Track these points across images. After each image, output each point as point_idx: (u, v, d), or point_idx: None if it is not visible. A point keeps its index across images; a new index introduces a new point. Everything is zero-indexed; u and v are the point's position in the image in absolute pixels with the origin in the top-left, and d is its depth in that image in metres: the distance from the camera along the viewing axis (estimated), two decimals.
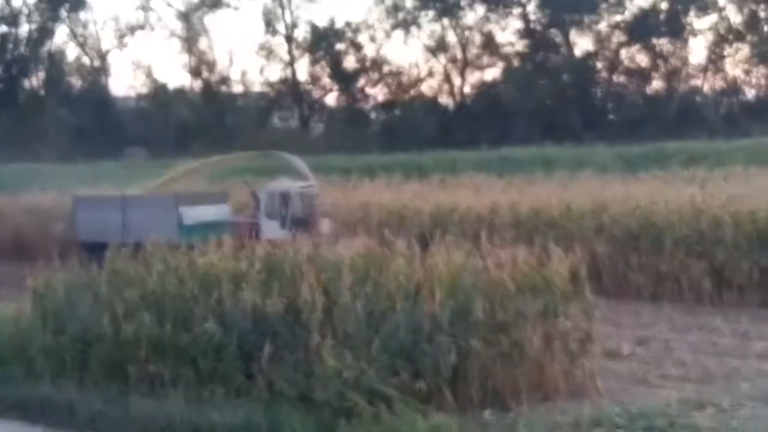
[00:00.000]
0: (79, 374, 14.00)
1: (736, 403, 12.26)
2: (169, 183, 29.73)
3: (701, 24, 72.85)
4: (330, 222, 23.75)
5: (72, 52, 79.58)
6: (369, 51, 76.94)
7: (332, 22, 76.46)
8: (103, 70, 79.04)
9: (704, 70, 74.50)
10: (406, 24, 76.06)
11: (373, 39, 76.83)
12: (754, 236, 20.91)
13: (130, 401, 12.92)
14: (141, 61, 79.28)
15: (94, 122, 63.06)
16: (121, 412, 12.75)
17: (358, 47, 76.99)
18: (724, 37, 73.25)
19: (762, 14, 71.86)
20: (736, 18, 73.33)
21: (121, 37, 78.32)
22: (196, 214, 24.11)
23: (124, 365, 13.62)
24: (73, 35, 78.95)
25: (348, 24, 76.51)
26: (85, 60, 79.53)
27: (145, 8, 78.19)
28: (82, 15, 78.57)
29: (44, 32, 76.94)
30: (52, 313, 15.01)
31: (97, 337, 14.03)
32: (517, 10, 75.06)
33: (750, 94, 74.58)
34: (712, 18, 72.93)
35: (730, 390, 13.26)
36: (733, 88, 74.42)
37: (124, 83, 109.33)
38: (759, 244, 20.77)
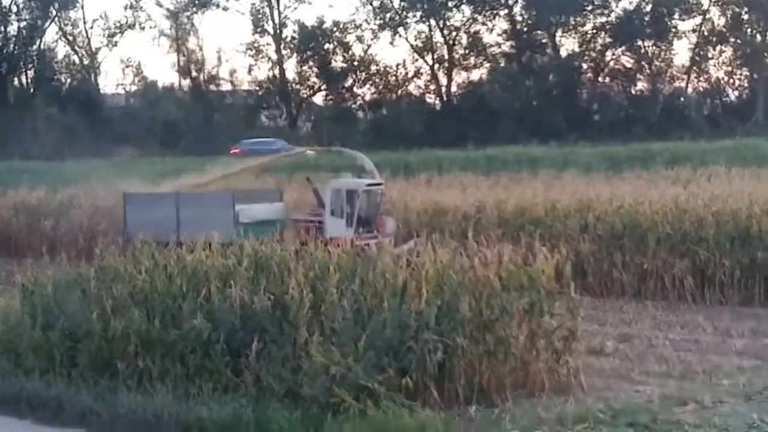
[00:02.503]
0: (68, 370, 13.98)
1: (717, 399, 12.31)
2: (218, 180, 29.25)
3: (685, 26, 73.15)
4: (393, 221, 23.28)
5: (61, 50, 79.25)
6: (357, 51, 77.17)
7: (320, 21, 76.58)
8: (92, 68, 78.72)
9: (688, 71, 74.74)
10: (394, 24, 76.16)
11: (360, 39, 77.06)
12: (735, 235, 20.96)
13: (118, 396, 12.91)
14: (130, 59, 78.80)
15: (83, 120, 62.72)
16: (109, 408, 12.74)
17: (345, 47, 77.09)
18: (707, 39, 73.52)
19: (745, 16, 72.13)
20: (719, 20, 73.64)
21: (111, 35, 78.17)
22: (252, 211, 23.64)
23: (113, 361, 13.61)
24: (63, 33, 78.72)
25: (336, 24, 76.66)
26: (75, 58, 79.29)
27: (135, 7, 77.85)
28: (72, 13, 78.33)
29: (34, 30, 76.44)
30: (40, 309, 14.95)
31: (85, 333, 14.01)
32: (503, 11, 75.24)
33: (733, 95, 74.97)
34: (696, 20, 73.17)
35: (712, 387, 13.31)
36: (717, 90, 74.77)
37: (113, 81, 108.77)
38: (740, 243, 20.83)
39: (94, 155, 49.06)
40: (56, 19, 77.48)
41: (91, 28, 78.11)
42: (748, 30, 72.34)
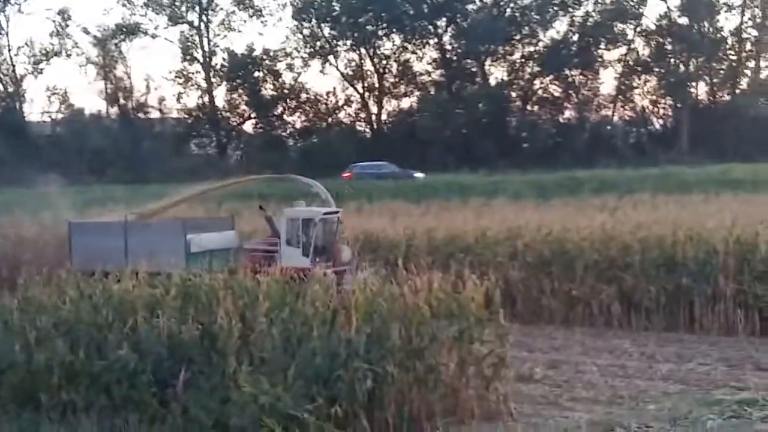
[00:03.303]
0: None
1: (643, 424, 12.48)
2: (163, 209, 28.19)
3: (611, 56, 74.89)
4: (349, 250, 22.68)
5: None
6: (287, 79, 77.38)
7: (250, 49, 76.70)
8: (17, 95, 77.48)
9: (614, 100, 76.29)
10: (324, 53, 76.46)
11: (290, 67, 77.31)
12: (660, 262, 21.19)
13: (41, 430, 12.62)
14: (56, 86, 77.87)
15: (8, 148, 61.65)
16: None
17: (276, 75, 77.17)
18: (632, 69, 75.04)
19: (668, 47, 73.75)
20: (644, 50, 75.41)
21: (36, 63, 77.33)
22: (203, 240, 23.02)
23: (36, 393, 13.30)
24: None
25: (266, 52, 76.80)
26: None
27: (61, 34, 77.01)
28: None
29: None
30: None
31: (8, 365, 13.69)
32: (433, 41, 76.03)
33: (658, 124, 76.55)
34: (622, 50, 74.82)
35: (638, 411, 13.47)
36: (642, 118, 76.31)
37: (39, 109, 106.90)
38: (665, 269, 21.05)
39: (19, 184, 48.26)
40: None
41: (16, 55, 77.42)
42: (672, 60, 74.03)
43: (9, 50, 77.06)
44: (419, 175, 55.24)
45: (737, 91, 75.08)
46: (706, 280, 20.43)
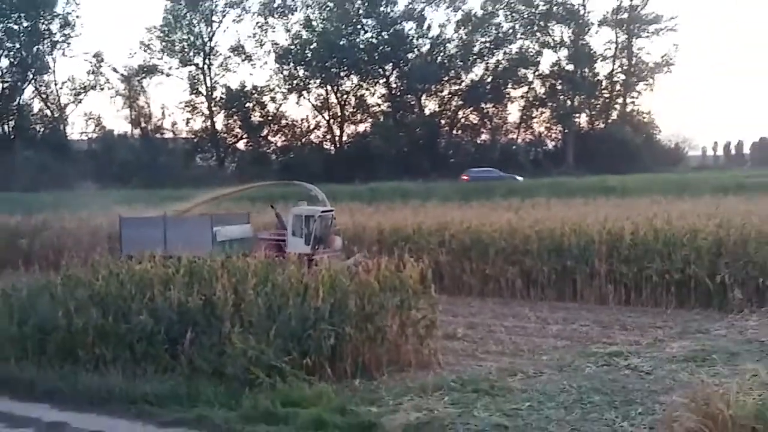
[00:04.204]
0: (38, 357, 13.38)
1: (538, 371, 12.52)
2: (196, 207, 27.41)
3: (516, 93, 75.58)
4: (340, 239, 22.34)
5: (36, 106, 76.71)
6: (270, 108, 76.98)
7: (243, 85, 76.29)
8: (61, 119, 76.22)
9: (518, 126, 76.97)
10: (299, 88, 76.23)
11: (273, 99, 77.03)
12: (552, 248, 21.32)
13: (79, 377, 12.44)
14: (92, 112, 76.86)
15: (53, 160, 60.54)
16: (72, 386, 12.25)
17: (262, 105, 76.83)
18: (532, 103, 75.71)
19: (559, 87, 74.50)
20: (540, 89, 76.04)
21: (77, 94, 75.93)
22: (226, 231, 22.44)
23: (75, 349, 13.11)
24: (38, 92, 76.09)
25: (255, 87, 76.44)
26: (47, 112, 76.56)
27: (96, 72, 75.84)
28: (45, 77, 75.75)
29: (14, 90, 74.17)
30: (17, 309, 14.33)
31: (53, 328, 13.46)
32: (382, 80, 76.17)
33: (550, 145, 77.31)
34: (524, 89, 75.44)
35: (534, 361, 13.55)
36: (539, 140, 77.07)
37: (78, 130, 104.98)
38: (555, 254, 21.21)
39: (61, 188, 47.50)
40: (32, 81, 75.15)
41: (61, 88, 75.95)
42: (561, 96, 74.78)
43: (55, 84, 75.80)
44: (519, 178, 53.66)
45: (609, 120, 75.97)
46: (585, 262, 20.63)
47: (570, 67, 73.81)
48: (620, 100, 76.58)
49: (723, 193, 34.22)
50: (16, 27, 72.79)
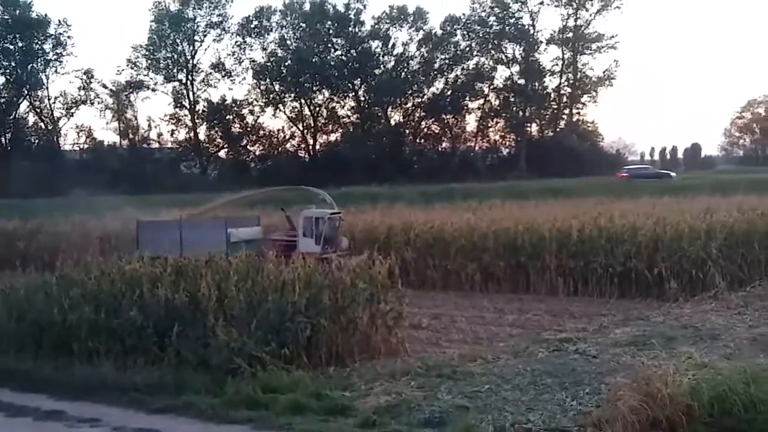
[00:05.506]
0: (36, 351, 13.17)
1: (495, 356, 12.54)
2: (209, 210, 26.83)
3: (473, 105, 75.91)
4: (347, 240, 22.04)
5: (31, 119, 75.72)
6: (249, 120, 76.53)
7: (223, 99, 75.92)
8: (54, 131, 75.13)
9: (476, 135, 77.37)
10: (275, 102, 75.94)
11: (252, 112, 76.57)
12: (507, 245, 21.49)
13: (74, 369, 12.26)
14: (83, 125, 76.00)
15: (47, 169, 59.73)
16: (67, 377, 12.08)
17: (241, 117, 76.39)
18: (488, 114, 76.21)
19: (512, 99, 75.04)
20: (495, 101, 76.52)
21: (69, 108, 74.98)
22: (239, 233, 21.83)
23: (70, 343, 12.90)
24: (33, 107, 75.04)
25: (234, 101, 76.06)
26: (41, 125, 75.39)
27: (86, 88, 74.76)
28: (39, 92, 74.76)
29: (11, 105, 73.16)
30: (15, 307, 14.10)
31: (49, 324, 13.25)
32: (351, 94, 76.13)
33: (505, 152, 77.81)
34: (480, 101, 75.90)
35: (492, 348, 13.58)
36: (494, 148, 77.63)
37: (70, 141, 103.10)
38: (510, 250, 21.36)
39: (55, 195, 46.79)
40: (27, 96, 74.20)
41: (54, 102, 74.93)
42: (514, 108, 75.37)
43: (49, 99, 74.90)
44: (673, 174, 52.10)
45: (558, 129, 76.68)
46: (537, 257, 20.83)
47: (522, 81, 74.34)
48: (567, 111, 77.40)
49: (659, 194, 34.73)
50: (11, 47, 72.31)
